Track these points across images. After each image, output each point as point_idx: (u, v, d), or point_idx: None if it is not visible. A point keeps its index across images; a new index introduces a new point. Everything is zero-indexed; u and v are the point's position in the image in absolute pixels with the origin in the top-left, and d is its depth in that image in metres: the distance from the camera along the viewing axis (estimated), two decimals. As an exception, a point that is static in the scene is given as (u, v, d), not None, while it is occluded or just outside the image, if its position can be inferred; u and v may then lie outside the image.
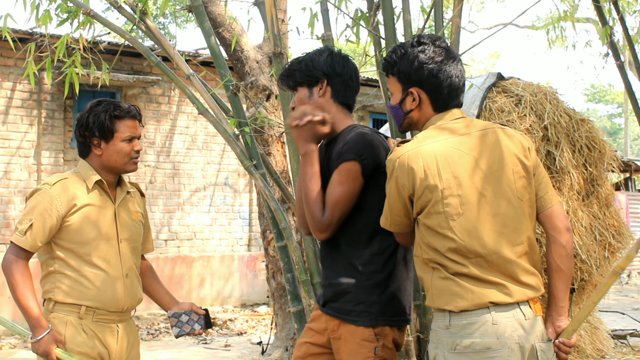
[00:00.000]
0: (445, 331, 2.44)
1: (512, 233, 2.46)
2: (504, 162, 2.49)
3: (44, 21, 4.50)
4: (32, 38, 9.40)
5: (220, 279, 11.94)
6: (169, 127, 11.70)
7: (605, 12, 5.31)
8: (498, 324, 2.39)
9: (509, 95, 6.40)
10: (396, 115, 2.65)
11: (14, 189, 10.22)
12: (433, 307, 2.51)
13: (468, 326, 2.40)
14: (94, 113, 3.03)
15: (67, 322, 2.94)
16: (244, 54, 6.87)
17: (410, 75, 2.55)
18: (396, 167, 2.48)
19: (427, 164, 2.44)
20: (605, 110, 45.27)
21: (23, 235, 2.91)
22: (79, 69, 4.73)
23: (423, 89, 2.55)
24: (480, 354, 2.38)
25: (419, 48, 2.55)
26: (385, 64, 2.64)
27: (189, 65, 4.35)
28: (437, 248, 2.44)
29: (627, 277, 17.14)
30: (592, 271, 6.09)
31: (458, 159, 2.46)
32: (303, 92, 2.87)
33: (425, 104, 2.57)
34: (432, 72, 2.53)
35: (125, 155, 3.06)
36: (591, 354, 6.33)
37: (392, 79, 2.62)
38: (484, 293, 2.40)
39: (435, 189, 2.42)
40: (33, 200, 2.96)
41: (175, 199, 11.71)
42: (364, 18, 4.12)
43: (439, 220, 2.43)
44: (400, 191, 2.49)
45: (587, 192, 6.46)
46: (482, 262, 2.42)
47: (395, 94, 2.62)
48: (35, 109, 10.38)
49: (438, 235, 2.44)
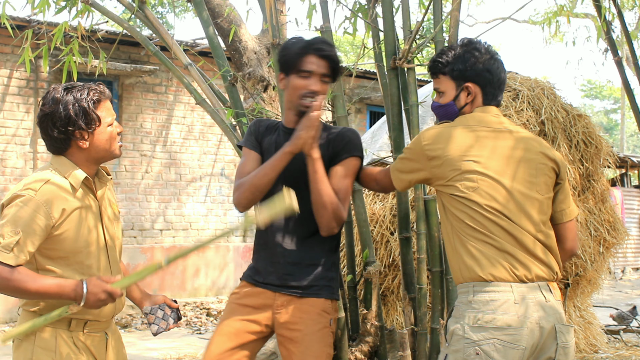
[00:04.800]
0: (468, 306, 2.56)
1: (531, 215, 2.64)
2: (532, 156, 2.69)
3: (42, 8, 4.49)
4: (29, 25, 9.37)
5: (215, 269, 11.95)
6: (166, 117, 11.68)
7: (603, 8, 5.31)
8: (519, 303, 2.51)
9: (507, 89, 6.41)
10: (448, 113, 2.81)
11: (10, 176, 10.20)
12: (458, 281, 2.67)
13: (490, 302, 2.52)
14: (69, 103, 2.64)
15: (56, 336, 2.64)
16: (242, 44, 6.86)
17: (465, 71, 2.75)
18: (426, 137, 2.70)
19: (457, 140, 2.66)
20: (601, 106, 45.32)
21: (10, 252, 2.50)
22: (77, 57, 4.72)
23: (477, 83, 2.76)
24: (500, 330, 2.49)
25: (470, 47, 2.78)
26: (436, 65, 2.82)
27: (187, 55, 4.34)
28: (460, 217, 2.63)
29: (622, 272, 17.19)
30: (586, 266, 6.11)
31: (488, 142, 2.67)
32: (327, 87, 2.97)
33: (478, 98, 2.77)
34: (485, 67, 2.75)
35: (113, 141, 2.76)
36: (584, 349, 6.36)
37: (444, 78, 2.81)
38: (504, 266, 2.56)
39: (458, 162, 2.62)
40: (17, 210, 2.54)
41: (171, 188, 11.71)
42: (362, 10, 4.12)
43: (462, 190, 2.62)
44: (423, 156, 2.70)
45: (583, 187, 6.48)
46: (506, 235, 2.58)
47: (448, 91, 2.80)
48: (32, 97, 10.36)
49: (461, 202, 2.62)
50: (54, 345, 2.62)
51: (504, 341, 2.48)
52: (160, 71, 11.35)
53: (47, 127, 2.66)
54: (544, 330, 2.54)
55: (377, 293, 3.73)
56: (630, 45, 5.71)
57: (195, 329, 9.31)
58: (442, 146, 2.66)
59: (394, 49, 3.69)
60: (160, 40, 4.50)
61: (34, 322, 2.60)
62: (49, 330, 2.62)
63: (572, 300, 6.62)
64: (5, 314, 9.81)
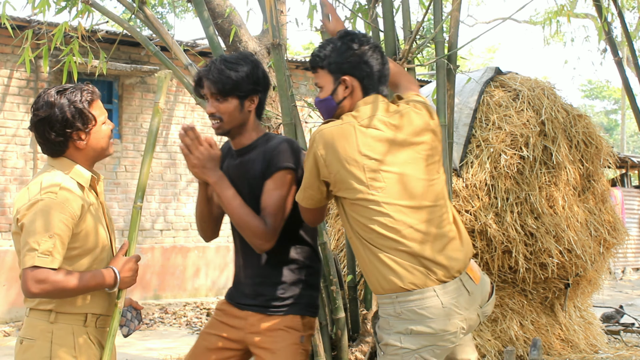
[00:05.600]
0: (397, 318, 2.52)
1: (437, 205, 2.58)
2: (418, 141, 2.62)
3: (42, 8, 4.49)
4: (29, 25, 9.37)
5: (216, 269, 11.95)
6: (166, 117, 11.69)
7: (604, 8, 5.31)
8: (448, 306, 2.50)
9: (507, 89, 6.41)
10: (327, 108, 2.71)
11: (10, 176, 10.20)
12: (377, 292, 2.58)
13: (419, 311, 2.48)
14: (64, 106, 2.66)
15: (73, 332, 2.68)
16: (242, 44, 6.86)
17: (342, 64, 2.65)
18: (316, 140, 2.58)
19: (347, 140, 2.55)
20: (601, 107, 45.31)
21: (49, 256, 2.55)
22: (77, 57, 4.72)
23: (355, 76, 2.66)
24: (435, 336, 2.49)
25: (347, 39, 2.68)
26: (314, 59, 2.72)
27: (187, 55, 4.34)
28: (367, 224, 2.53)
29: (622, 272, 17.19)
30: (587, 266, 6.11)
31: (379, 136, 2.57)
32: (234, 103, 2.83)
33: (357, 91, 2.67)
34: (363, 59, 2.65)
35: (108, 139, 2.79)
36: (585, 349, 6.35)
37: (322, 72, 2.70)
38: (422, 272, 2.50)
39: (357, 164, 2.52)
40: (44, 214, 2.57)
41: (172, 189, 11.71)
42: (362, 10, 4.12)
43: (365, 196, 2.52)
44: (315, 166, 2.58)
45: (583, 187, 6.48)
46: (416, 236, 2.51)
47: (326, 85, 2.69)
48: (32, 97, 10.36)
49: (367, 210, 2.52)
50: (72, 341, 2.67)
51: (442, 346, 2.50)
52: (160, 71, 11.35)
53: (43, 132, 2.68)
54: (471, 321, 2.57)
55: (377, 293, 3.72)
56: (630, 46, 5.72)
57: (195, 329, 9.31)
58: (334, 150, 2.55)
59: (394, 49, 3.69)
60: (160, 40, 4.50)
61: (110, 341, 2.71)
62: (65, 328, 2.67)
63: (573, 300, 6.62)
64: (5, 314, 9.81)
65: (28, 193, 2.64)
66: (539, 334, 6.06)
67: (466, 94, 6.23)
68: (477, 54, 35.55)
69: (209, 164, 2.80)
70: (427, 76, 14.67)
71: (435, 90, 4.03)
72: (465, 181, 5.74)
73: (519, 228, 5.74)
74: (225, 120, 2.84)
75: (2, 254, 9.88)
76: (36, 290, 2.55)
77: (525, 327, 5.98)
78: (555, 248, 5.82)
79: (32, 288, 2.54)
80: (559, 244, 5.86)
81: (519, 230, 5.73)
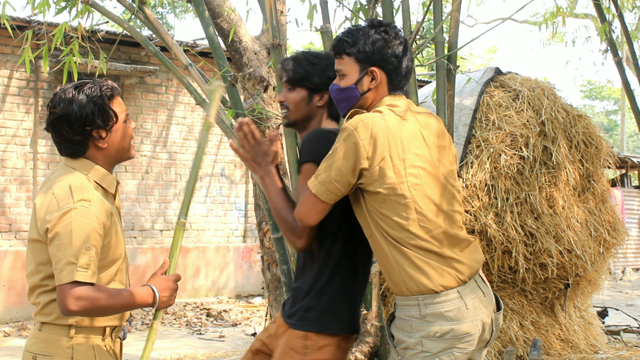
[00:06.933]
0: (421, 320, 2.47)
1: (456, 211, 2.56)
2: (445, 144, 2.60)
3: (42, 9, 4.49)
4: (29, 26, 9.37)
5: (215, 269, 11.95)
6: (166, 117, 11.68)
7: (605, 9, 5.31)
8: (470, 307, 2.47)
9: (507, 90, 6.41)
10: (349, 97, 2.59)
11: (10, 177, 10.20)
12: (402, 294, 2.51)
13: (445, 314, 2.45)
14: (83, 102, 2.50)
15: (93, 347, 2.55)
16: (242, 44, 6.85)
17: (372, 54, 2.55)
18: (358, 129, 2.45)
19: (392, 131, 2.46)
20: (601, 107, 45.29)
21: (88, 270, 2.39)
22: (77, 57, 4.72)
23: (383, 69, 2.57)
24: (459, 339, 2.46)
25: (380, 29, 2.58)
26: (340, 44, 2.59)
27: (187, 55, 4.34)
28: (399, 222, 2.45)
29: (622, 273, 17.19)
30: (586, 267, 6.11)
31: (416, 133, 2.52)
32: (302, 93, 2.79)
33: (383, 84, 2.58)
34: (394, 52, 2.56)
35: (130, 138, 2.62)
36: (585, 349, 6.35)
37: (347, 59, 2.58)
38: (450, 273, 2.47)
39: (399, 157, 2.45)
40: (79, 225, 2.41)
41: (171, 189, 11.71)
42: (363, 10, 4.12)
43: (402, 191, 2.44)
44: (355, 155, 2.45)
45: (583, 187, 6.48)
46: (444, 237, 2.47)
47: (351, 74, 2.58)
48: (32, 97, 10.37)
49: (400, 206, 2.45)
50: (93, 356, 2.55)
51: (462, 348, 2.47)
52: (160, 71, 11.35)
53: (61, 130, 2.51)
54: (486, 325, 2.55)
55: (377, 293, 3.73)
56: (630, 46, 5.72)
57: (195, 330, 9.30)
58: (380, 139, 2.44)
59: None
60: (160, 40, 4.50)
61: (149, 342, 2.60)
62: (85, 343, 2.53)
63: (573, 300, 6.62)
64: (5, 314, 9.81)
65: (55, 199, 2.45)
66: (539, 334, 6.06)
67: (466, 94, 6.23)
68: (477, 54, 35.53)
69: (259, 158, 2.73)
70: (427, 76, 14.66)
71: (435, 90, 4.04)
72: (465, 181, 5.74)
73: (519, 228, 5.74)
74: (292, 109, 2.80)
75: (2, 254, 9.88)
76: (76, 308, 2.38)
77: (525, 327, 5.98)
78: (555, 248, 5.82)
79: (72, 306, 2.37)
80: (558, 244, 5.86)
81: (519, 231, 5.74)
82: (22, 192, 10.26)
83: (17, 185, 10.21)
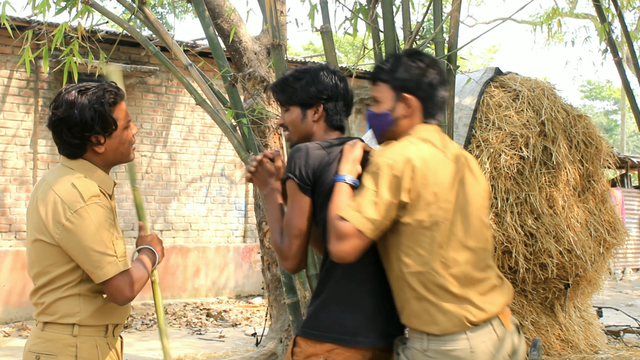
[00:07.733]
0: (423, 354, 2.43)
1: (483, 249, 2.51)
2: (480, 180, 2.60)
3: (42, 9, 4.49)
4: (29, 26, 9.38)
5: (215, 269, 11.95)
6: (166, 117, 11.69)
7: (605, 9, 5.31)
8: (475, 351, 2.41)
9: (507, 90, 6.41)
10: (382, 123, 2.59)
11: (10, 177, 10.20)
12: (409, 325, 2.48)
13: (447, 353, 2.40)
14: (85, 107, 2.52)
15: (97, 345, 2.59)
16: (242, 45, 6.86)
17: (407, 81, 2.56)
18: (400, 158, 2.42)
19: (430, 163, 2.44)
20: (601, 107, 45.30)
21: (124, 258, 2.55)
22: (77, 57, 4.72)
23: (418, 97, 2.57)
24: None
25: (416, 57, 2.60)
26: (377, 72, 2.63)
27: (187, 55, 4.35)
28: (424, 257, 2.41)
29: (622, 273, 17.19)
30: (586, 267, 6.11)
31: (450, 165, 2.50)
32: (295, 112, 2.75)
33: (417, 112, 2.58)
34: (428, 81, 2.57)
35: (129, 144, 2.67)
36: (585, 349, 6.35)
37: (383, 86, 2.60)
38: (460, 316, 2.41)
39: (435, 189, 2.41)
40: (101, 219, 2.50)
41: (171, 189, 11.71)
42: (363, 11, 4.12)
43: (430, 225, 2.40)
44: (398, 189, 2.40)
45: (583, 187, 6.48)
46: (463, 277, 2.42)
47: (385, 101, 2.59)
48: (32, 97, 10.37)
49: (423, 239, 2.40)
50: (97, 354, 2.59)
51: None
52: (160, 72, 11.36)
53: (61, 132, 2.55)
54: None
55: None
56: (630, 46, 5.72)
57: (195, 330, 9.31)
58: (422, 169, 2.41)
59: (394, 50, 3.69)
60: (160, 40, 4.50)
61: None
62: (88, 341, 2.57)
63: (572, 300, 6.62)
64: (5, 314, 9.81)
65: (65, 202, 2.49)
66: (539, 334, 6.06)
67: (466, 94, 6.24)
68: (477, 55, 35.56)
69: (264, 176, 2.72)
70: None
71: (435, 90, 4.03)
72: (465, 181, 5.74)
73: (519, 228, 5.74)
74: (291, 130, 2.76)
75: (2, 254, 9.88)
76: (134, 294, 2.57)
77: (525, 327, 5.98)
78: (555, 248, 5.82)
79: (129, 293, 2.55)
80: (558, 245, 5.86)
81: (519, 231, 5.74)
82: (22, 192, 10.27)
83: (17, 185, 10.22)
